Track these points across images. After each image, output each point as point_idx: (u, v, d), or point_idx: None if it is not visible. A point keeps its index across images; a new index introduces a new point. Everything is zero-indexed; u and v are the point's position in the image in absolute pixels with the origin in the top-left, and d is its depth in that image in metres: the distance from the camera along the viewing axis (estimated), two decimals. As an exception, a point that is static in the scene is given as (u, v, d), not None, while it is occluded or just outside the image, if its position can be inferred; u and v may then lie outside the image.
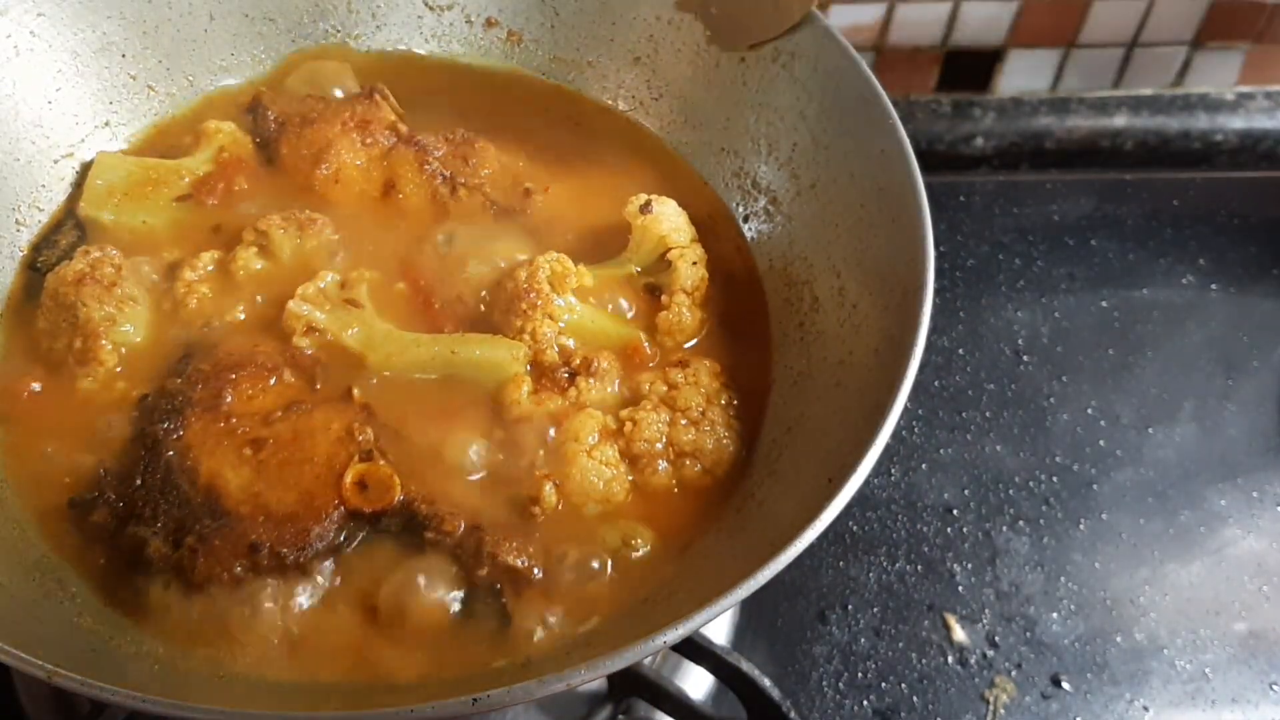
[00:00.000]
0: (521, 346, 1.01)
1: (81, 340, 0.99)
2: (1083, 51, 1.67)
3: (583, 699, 1.08)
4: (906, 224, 0.96)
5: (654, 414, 0.98)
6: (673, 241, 1.07)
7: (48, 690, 1.07)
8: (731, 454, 0.98)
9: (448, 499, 0.92)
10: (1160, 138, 1.72)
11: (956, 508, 1.33)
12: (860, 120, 1.03)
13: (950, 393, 1.43)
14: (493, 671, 0.86)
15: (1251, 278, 1.55)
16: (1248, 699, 1.21)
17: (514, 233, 1.10)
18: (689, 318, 1.05)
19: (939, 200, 1.57)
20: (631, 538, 0.94)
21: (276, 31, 1.22)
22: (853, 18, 1.60)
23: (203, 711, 0.69)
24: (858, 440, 0.83)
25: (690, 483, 0.97)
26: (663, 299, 1.05)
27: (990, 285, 1.54)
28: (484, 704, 0.70)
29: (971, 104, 1.72)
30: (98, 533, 0.91)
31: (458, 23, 1.26)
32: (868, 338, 0.96)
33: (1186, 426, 1.41)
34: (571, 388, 0.99)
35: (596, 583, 0.92)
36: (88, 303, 0.99)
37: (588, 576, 0.92)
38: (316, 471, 0.92)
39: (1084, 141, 1.72)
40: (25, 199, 1.09)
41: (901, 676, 1.21)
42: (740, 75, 1.15)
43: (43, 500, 0.94)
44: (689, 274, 1.05)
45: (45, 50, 1.11)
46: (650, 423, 0.97)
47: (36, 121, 1.11)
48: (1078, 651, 1.23)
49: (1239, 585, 1.29)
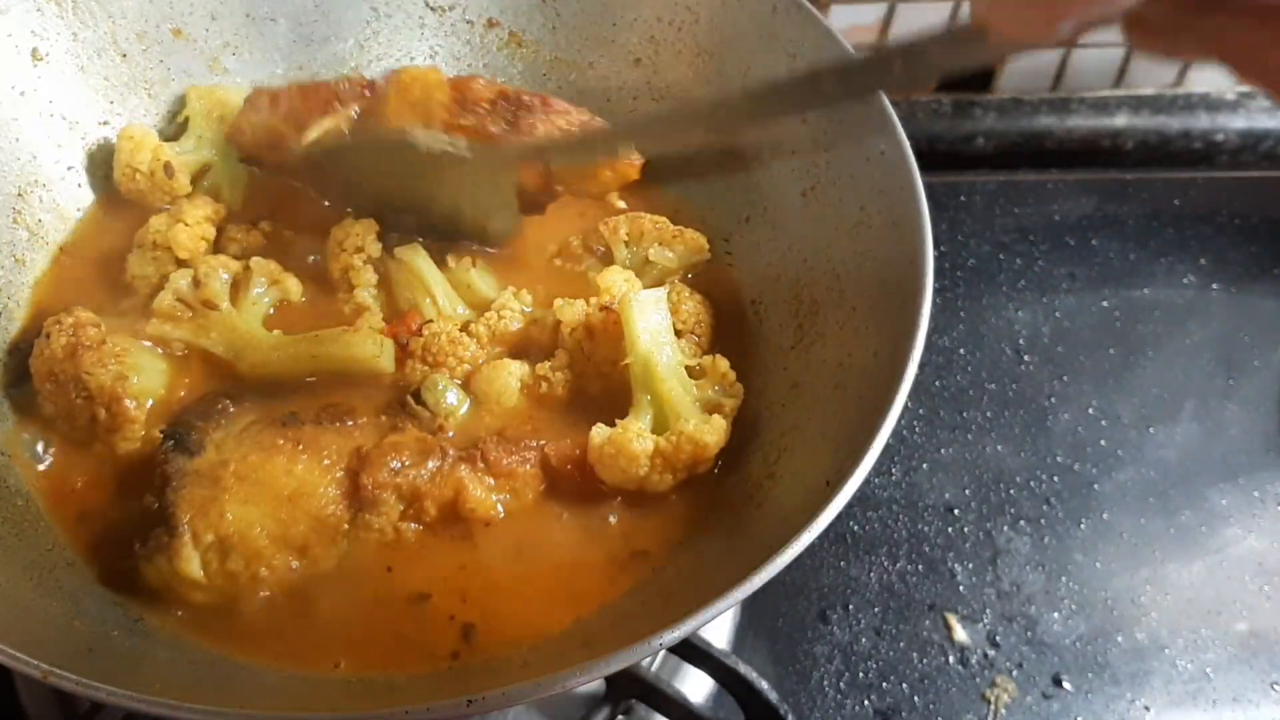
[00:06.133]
0: (388, 342, 1.01)
1: (104, 410, 0.96)
2: (1083, 51, 1.67)
3: (581, 701, 1.08)
4: (906, 225, 0.96)
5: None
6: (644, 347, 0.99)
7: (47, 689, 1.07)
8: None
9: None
10: (1161, 137, 1.72)
11: (957, 507, 1.33)
12: (860, 121, 1.03)
13: (951, 392, 1.42)
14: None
15: (1252, 277, 1.54)
16: (1249, 699, 1.21)
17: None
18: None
19: (939, 200, 1.58)
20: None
21: (278, 32, 1.22)
22: (853, 18, 1.60)
23: (201, 711, 0.69)
24: (857, 442, 0.83)
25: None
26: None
27: (991, 285, 1.54)
28: (480, 705, 0.70)
29: (972, 104, 1.71)
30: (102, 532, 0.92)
31: (459, 23, 1.26)
32: (867, 340, 0.96)
33: (1187, 426, 1.41)
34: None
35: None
36: (91, 370, 0.96)
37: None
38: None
39: (1085, 141, 1.72)
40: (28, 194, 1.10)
41: (902, 676, 1.21)
42: (741, 78, 1.15)
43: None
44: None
45: (46, 50, 1.11)
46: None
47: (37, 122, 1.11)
48: (1079, 651, 1.23)
49: (1240, 585, 1.29)
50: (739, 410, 1.01)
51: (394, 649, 0.89)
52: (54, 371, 0.97)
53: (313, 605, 0.91)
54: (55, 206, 1.12)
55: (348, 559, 0.92)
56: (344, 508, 0.92)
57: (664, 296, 1.00)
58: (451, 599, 0.92)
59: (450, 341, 1.01)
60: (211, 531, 0.88)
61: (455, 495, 0.93)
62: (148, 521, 0.90)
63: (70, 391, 0.97)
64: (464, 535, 0.95)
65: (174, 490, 0.90)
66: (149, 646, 0.87)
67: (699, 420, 0.97)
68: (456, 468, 0.94)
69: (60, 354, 0.97)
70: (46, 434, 0.99)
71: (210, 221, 1.08)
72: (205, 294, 1.03)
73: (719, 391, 1.01)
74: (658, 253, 1.10)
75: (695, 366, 1.02)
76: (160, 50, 1.17)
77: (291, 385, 1.01)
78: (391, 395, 1.01)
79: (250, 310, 1.04)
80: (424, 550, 0.94)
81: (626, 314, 0.98)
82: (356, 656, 0.89)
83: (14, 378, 1.01)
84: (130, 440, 0.98)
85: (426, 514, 0.93)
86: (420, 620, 0.91)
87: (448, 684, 0.87)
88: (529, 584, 0.93)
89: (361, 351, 1.00)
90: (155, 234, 1.06)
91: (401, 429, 0.96)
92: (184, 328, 1.02)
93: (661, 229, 1.11)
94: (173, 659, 0.87)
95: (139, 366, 1.00)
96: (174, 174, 1.11)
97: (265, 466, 0.91)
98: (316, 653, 0.89)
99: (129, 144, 1.11)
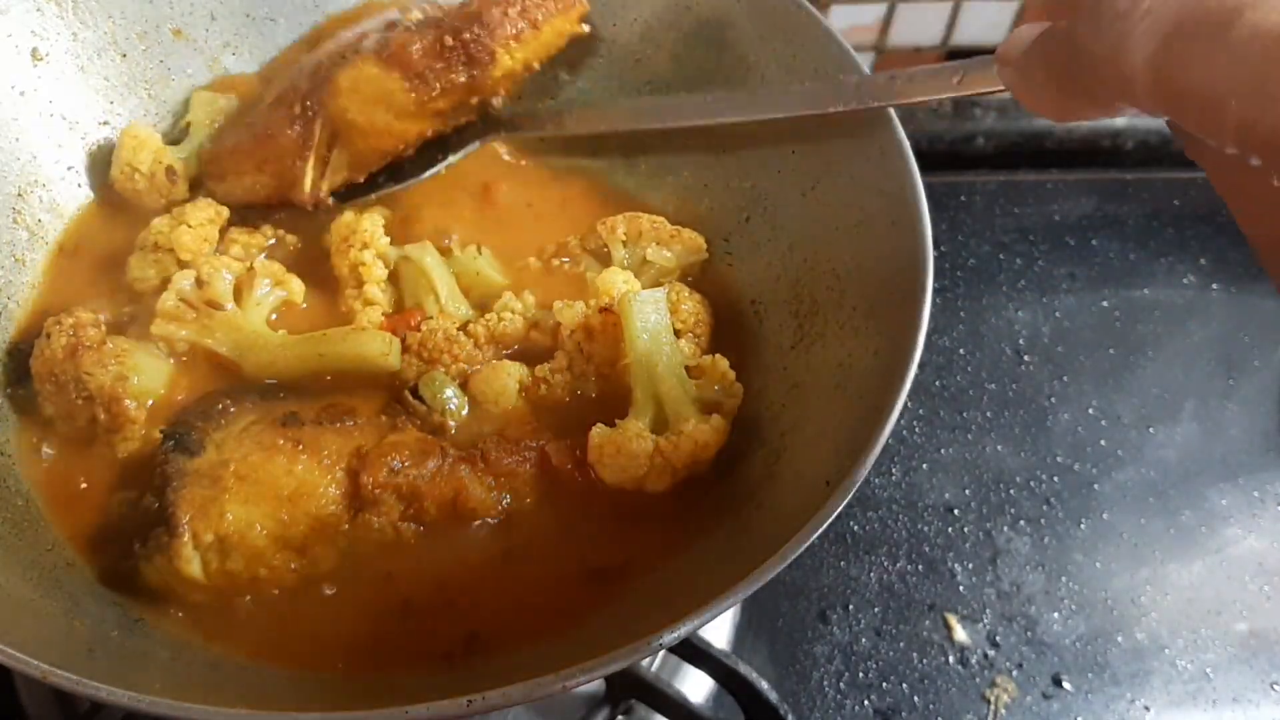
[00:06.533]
0: (396, 340, 1.01)
1: (104, 410, 0.96)
2: (1084, 51, 1.66)
3: (581, 701, 1.08)
4: (906, 225, 0.96)
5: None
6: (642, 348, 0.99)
7: (47, 689, 1.07)
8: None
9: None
10: (1161, 137, 1.71)
11: (957, 507, 1.33)
12: (860, 121, 1.03)
13: (951, 392, 1.43)
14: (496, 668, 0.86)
15: (1252, 277, 1.55)
16: (1249, 699, 1.21)
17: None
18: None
19: (940, 200, 1.58)
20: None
21: (278, 32, 1.22)
22: (853, 18, 1.60)
23: (201, 711, 0.69)
24: (857, 442, 0.83)
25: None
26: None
27: (991, 285, 1.54)
28: (480, 705, 0.69)
29: (972, 104, 1.71)
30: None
31: (458, 23, 1.26)
32: (867, 340, 0.96)
33: (1187, 426, 1.41)
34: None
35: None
36: (92, 371, 0.96)
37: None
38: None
39: (1085, 141, 1.72)
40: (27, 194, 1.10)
41: (902, 676, 1.21)
42: (741, 78, 1.15)
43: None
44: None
45: (46, 50, 1.11)
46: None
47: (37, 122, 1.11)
48: (1079, 651, 1.23)
49: (1240, 585, 1.29)
50: (739, 410, 1.00)
51: (394, 649, 0.89)
52: (54, 372, 0.97)
53: (313, 605, 0.91)
54: (55, 206, 1.12)
55: (348, 559, 0.92)
56: (344, 508, 0.92)
57: (663, 296, 1.00)
58: (451, 599, 0.92)
59: (446, 339, 1.01)
60: (211, 531, 0.88)
61: (455, 495, 0.93)
62: (148, 521, 0.90)
63: (70, 392, 0.96)
64: (464, 535, 0.95)
65: (174, 490, 0.90)
66: (149, 646, 0.87)
67: (698, 420, 0.96)
68: (457, 468, 0.94)
69: (60, 354, 0.97)
70: (46, 434, 0.99)
71: (213, 224, 1.08)
72: (210, 294, 1.02)
73: (718, 391, 1.01)
74: (655, 252, 1.10)
75: (695, 366, 1.01)
76: (160, 50, 1.17)
77: (292, 385, 1.01)
78: (390, 393, 1.00)
79: (255, 310, 1.04)
80: (424, 550, 0.94)
81: (625, 314, 0.98)
82: (356, 656, 0.89)
83: (14, 378, 1.01)
84: (130, 440, 0.97)
85: (426, 514, 0.93)
86: (420, 620, 0.91)
87: (447, 684, 0.86)
88: (528, 584, 0.93)
89: (370, 350, 1.00)
90: (157, 235, 1.06)
91: (402, 429, 0.96)
92: (189, 328, 1.02)
93: (659, 229, 1.11)
94: (173, 659, 0.87)
95: (139, 367, 0.99)
96: (176, 179, 1.11)
97: (265, 466, 0.91)
98: (316, 653, 0.89)
99: (131, 143, 1.11)
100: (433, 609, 0.91)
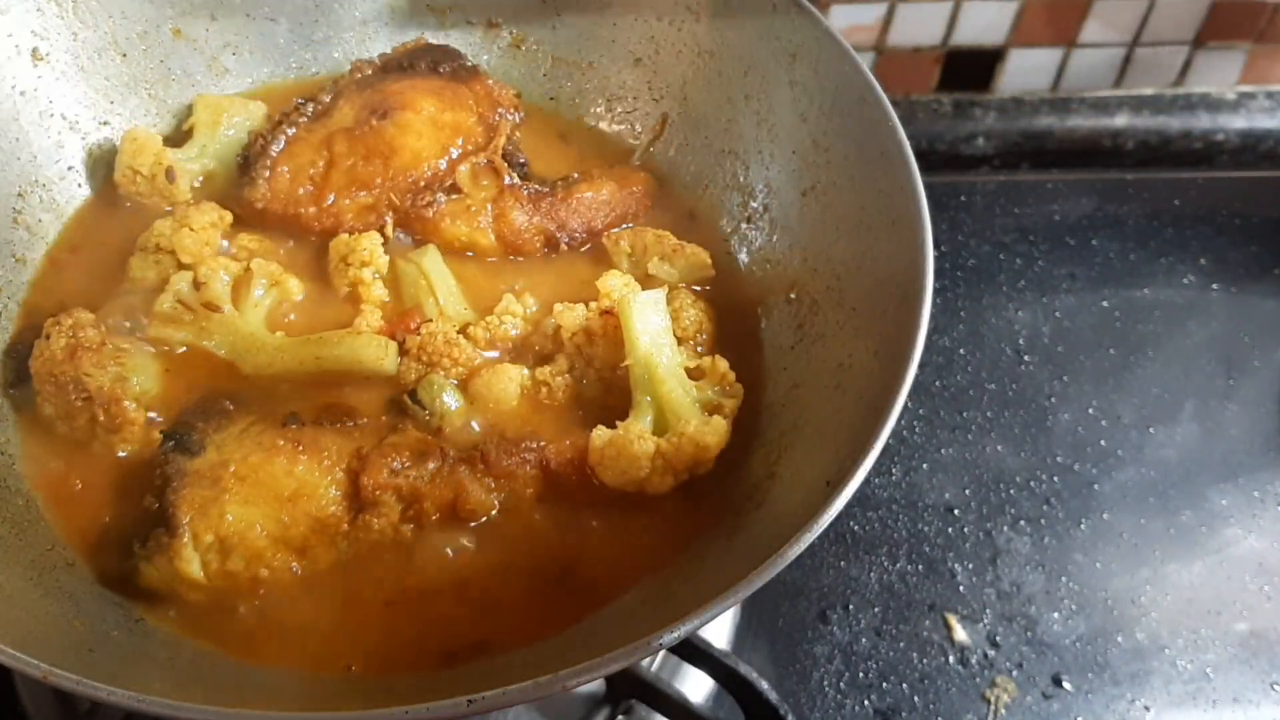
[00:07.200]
0: (393, 344, 1.01)
1: (103, 411, 0.96)
2: (1083, 51, 1.67)
3: (581, 701, 1.08)
4: (906, 226, 0.96)
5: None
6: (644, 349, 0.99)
7: (47, 689, 1.07)
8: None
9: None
10: (1161, 137, 1.72)
11: (957, 507, 1.33)
12: (860, 122, 1.03)
13: (951, 392, 1.43)
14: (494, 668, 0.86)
15: (1252, 277, 1.54)
16: (1249, 699, 1.21)
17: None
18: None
19: (940, 200, 1.58)
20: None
21: (278, 32, 1.22)
22: (853, 18, 1.60)
23: (201, 711, 0.69)
24: (857, 442, 0.83)
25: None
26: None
27: (991, 285, 1.54)
28: (480, 705, 0.69)
29: (972, 104, 1.71)
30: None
31: (459, 24, 1.26)
32: (867, 340, 0.96)
33: (1187, 426, 1.41)
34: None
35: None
36: (91, 372, 0.96)
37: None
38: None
39: (1085, 141, 1.72)
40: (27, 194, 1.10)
41: (903, 676, 1.21)
42: (741, 78, 1.15)
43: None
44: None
45: (47, 50, 1.11)
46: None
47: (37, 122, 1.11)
48: (1079, 651, 1.23)
49: (1240, 585, 1.29)
50: (739, 410, 1.01)
51: (393, 649, 0.89)
52: (54, 372, 0.97)
53: (312, 606, 0.91)
54: (55, 206, 1.12)
55: (347, 560, 0.92)
56: (344, 508, 0.92)
57: (663, 298, 1.00)
58: (451, 599, 0.92)
59: (446, 342, 1.01)
60: (211, 532, 0.88)
61: (455, 496, 0.93)
62: (148, 521, 0.90)
63: (70, 392, 0.97)
64: (464, 536, 0.95)
65: (174, 490, 0.90)
66: (149, 646, 0.87)
67: (699, 421, 0.96)
68: (456, 469, 0.94)
69: (60, 355, 0.97)
70: (46, 434, 0.99)
71: (215, 228, 1.08)
72: (207, 296, 1.02)
73: (719, 392, 1.01)
74: (658, 266, 1.10)
75: (695, 367, 1.01)
76: (160, 50, 1.17)
77: (291, 386, 1.01)
78: (389, 395, 1.00)
79: (252, 312, 1.04)
80: (424, 551, 0.94)
81: (625, 316, 0.98)
82: (356, 656, 0.89)
83: (13, 378, 1.01)
84: (130, 441, 0.97)
85: (426, 515, 0.93)
86: (420, 620, 0.91)
87: (447, 684, 0.87)
88: (527, 584, 0.93)
89: (366, 354, 1.00)
90: (159, 237, 1.06)
91: (401, 430, 0.96)
92: (186, 330, 1.02)
93: (664, 243, 1.10)
94: (173, 659, 0.87)
95: (138, 368, 0.99)
96: (175, 179, 1.11)
97: (265, 467, 0.91)
98: (316, 653, 0.89)
99: (132, 145, 1.11)
100: (432, 609, 0.92)
